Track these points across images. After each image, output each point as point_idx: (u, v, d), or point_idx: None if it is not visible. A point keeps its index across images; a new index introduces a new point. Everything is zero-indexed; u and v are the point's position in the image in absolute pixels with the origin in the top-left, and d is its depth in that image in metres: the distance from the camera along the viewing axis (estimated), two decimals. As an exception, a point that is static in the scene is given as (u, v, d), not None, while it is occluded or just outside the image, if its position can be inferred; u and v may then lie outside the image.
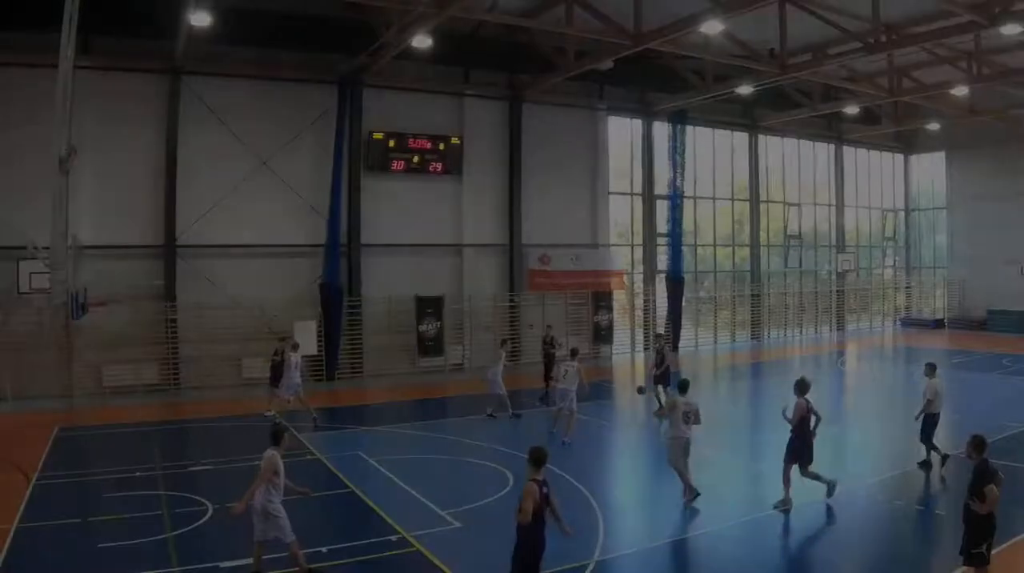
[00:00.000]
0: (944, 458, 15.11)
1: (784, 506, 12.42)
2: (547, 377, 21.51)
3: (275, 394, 19.46)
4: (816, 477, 12.68)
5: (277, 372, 19.64)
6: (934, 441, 15.31)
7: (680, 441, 12.79)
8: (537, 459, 8.62)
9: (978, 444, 9.22)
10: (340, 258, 25.09)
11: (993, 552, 9.12)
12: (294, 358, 18.96)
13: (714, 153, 35.49)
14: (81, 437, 18.11)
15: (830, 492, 12.78)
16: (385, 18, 22.02)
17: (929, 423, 15.35)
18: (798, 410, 12.69)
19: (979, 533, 8.94)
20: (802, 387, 12.93)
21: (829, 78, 31.42)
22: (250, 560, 9.77)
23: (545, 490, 8.61)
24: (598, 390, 24.07)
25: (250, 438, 16.11)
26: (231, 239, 23.86)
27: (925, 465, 15.05)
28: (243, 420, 19.08)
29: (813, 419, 12.68)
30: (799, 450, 12.61)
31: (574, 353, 18.26)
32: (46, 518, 12.16)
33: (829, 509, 12.94)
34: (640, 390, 19.31)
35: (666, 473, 13.67)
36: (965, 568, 9.26)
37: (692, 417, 12.86)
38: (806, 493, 13.03)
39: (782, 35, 24.73)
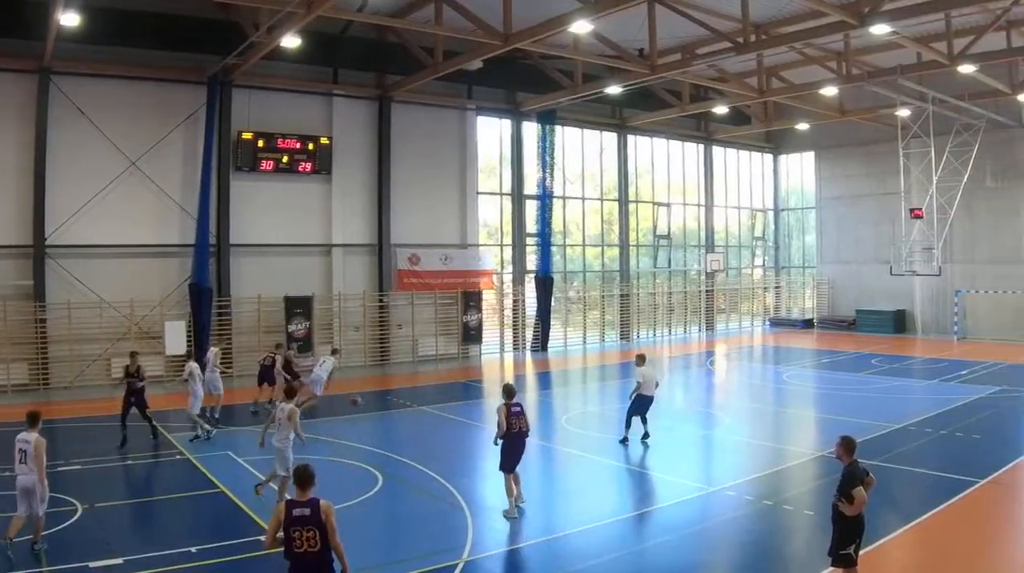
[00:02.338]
0: (644, 436, 19.03)
1: (510, 514, 13.89)
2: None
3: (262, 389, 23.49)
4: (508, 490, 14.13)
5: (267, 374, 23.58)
6: (645, 418, 19.14)
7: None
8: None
9: (847, 445, 10.10)
10: (209, 258, 28.83)
11: (861, 553, 10.15)
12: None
13: (583, 153, 41.20)
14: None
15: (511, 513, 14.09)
16: (254, 18, 25.24)
17: (639, 403, 19.01)
18: (500, 414, 14.12)
19: (847, 534, 9.87)
20: (508, 392, 14.50)
21: (699, 78, 36.45)
22: (119, 560, 11.63)
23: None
24: (468, 390, 28.12)
25: (120, 437, 18.91)
26: (101, 239, 27.37)
27: (623, 442, 18.98)
28: (113, 419, 20.54)
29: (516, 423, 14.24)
30: (504, 454, 14.16)
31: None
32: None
33: (698, 509, 14.97)
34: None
35: (535, 473, 16.25)
36: (833, 569, 10.26)
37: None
38: (676, 493, 15.67)
39: (651, 35, 28.32)
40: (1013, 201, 40.72)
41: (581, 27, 25.37)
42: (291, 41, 24.87)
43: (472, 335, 35.39)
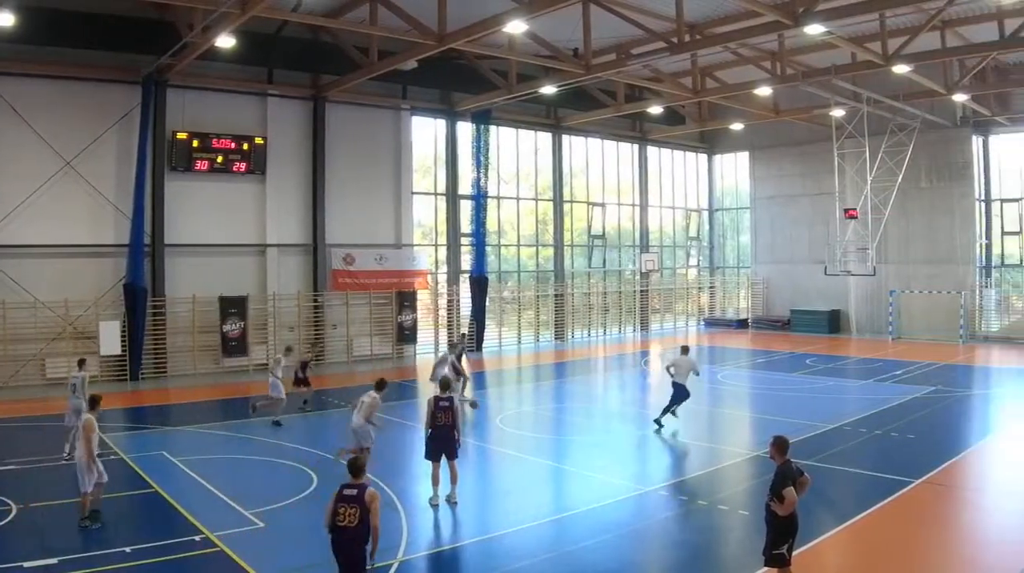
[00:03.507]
0: (658, 421, 21.81)
1: (432, 502, 15.40)
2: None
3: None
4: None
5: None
6: (674, 405, 22.18)
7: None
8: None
9: (779, 445, 10.62)
10: (144, 258, 30.58)
11: (795, 553, 10.65)
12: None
13: (518, 153, 43.82)
14: None
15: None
16: (189, 18, 26.80)
17: (676, 391, 22.12)
18: (428, 407, 16.00)
19: (779, 534, 10.34)
20: (441, 385, 16.46)
21: (633, 78, 38.70)
22: (53, 560, 12.35)
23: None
24: (402, 390, 29.80)
25: (56, 438, 19.37)
26: (36, 239, 28.96)
27: None
28: (49, 420, 21.45)
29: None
30: (425, 444, 15.96)
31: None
32: None
33: (632, 509, 15.82)
34: (474, 405, 23.67)
35: (470, 473, 17.11)
36: (767, 569, 10.75)
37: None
38: (610, 493, 16.47)
39: (586, 35, 30.01)
40: (947, 201, 43.46)
41: (516, 27, 26.69)
42: (226, 41, 26.33)
43: (407, 335, 37.57)
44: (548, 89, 35.82)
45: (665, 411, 22.11)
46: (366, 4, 27.95)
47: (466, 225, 40.34)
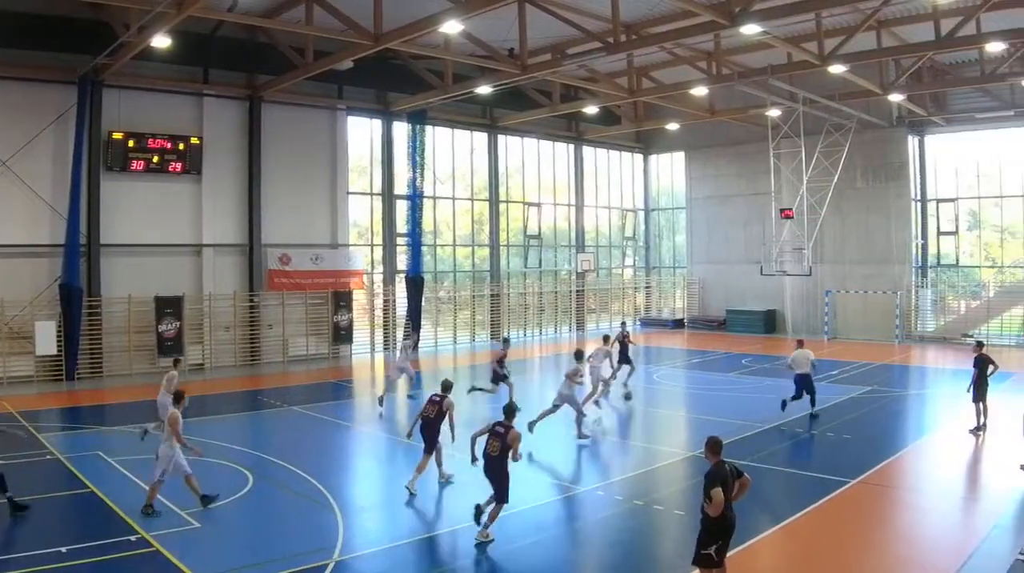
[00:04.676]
0: (812, 414, 24.08)
1: (409, 485, 17.02)
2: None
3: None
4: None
5: None
6: (809, 394, 24.56)
7: None
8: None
9: (711, 446, 11.06)
10: (79, 258, 32.09)
11: (731, 553, 11.05)
12: None
13: (454, 153, 46.04)
14: None
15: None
16: (125, 18, 28.17)
17: (799, 381, 24.66)
18: None
19: (709, 535, 10.70)
20: (442, 385, 18.49)
21: (569, 78, 40.56)
22: None
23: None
24: (338, 390, 31.50)
25: None
26: (-30, 239, 30.47)
27: None
28: None
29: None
30: None
31: None
32: None
33: (568, 509, 16.65)
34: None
35: (404, 473, 17.80)
36: (696, 569, 11.10)
37: None
38: (546, 493, 17.43)
39: (521, 35, 31.32)
40: (883, 201, 45.72)
41: (452, 27, 28.02)
42: (162, 41, 27.48)
43: (342, 335, 39.59)
44: (484, 89, 37.60)
45: (796, 398, 24.81)
46: (302, 4, 29.13)
47: (402, 225, 42.36)
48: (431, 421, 17.43)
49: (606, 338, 27.83)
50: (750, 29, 27.51)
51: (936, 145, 46.98)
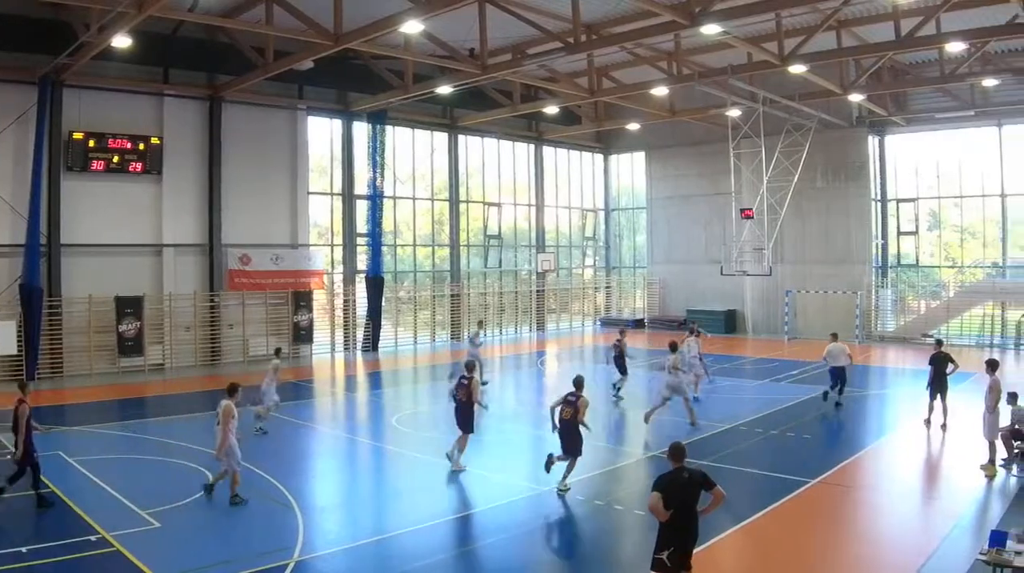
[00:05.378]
0: (836, 403, 26.17)
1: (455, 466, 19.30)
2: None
3: None
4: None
5: None
6: (837, 385, 26.96)
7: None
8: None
9: (672, 451, 11.18)
10: (40, 258, 32.92)
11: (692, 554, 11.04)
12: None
13: (414, 153, 47.27)
14: None
15: None
16: (85, 18, 28.91)
17: (833, 373, 27.17)
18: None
19: (659, 540, 10.89)
20: (466, 366, 20.55)
21: (529, 78, 41.57)
22: None
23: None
24: (298, 390, 32.18)
25: None
26: (-69, 240, 31.34)
27: None
28: None
29: None
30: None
31: None
32: None
33: (529, 509, 16.97)
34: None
35: (365, 473, 19.07)
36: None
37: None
38: (507, 493, 17.83)
39: (482, 35, 32.01)
40: (843, 201, 47.06)
41: (412, 27, 28.54)
42: (122, 41, 28.06)
43: (303, 335, 40.69)
44: (444, 89, 38.76)
45: (833, 389, 27.26)
46: (262, 4, 29.81)
47: (362, 225, 43.54)
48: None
49: (673, 345, 26.76)
50: (710, 29, 28.32)
51: (896, 145, 48.46)
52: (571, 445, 18.13)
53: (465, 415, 19.69)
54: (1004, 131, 44.20)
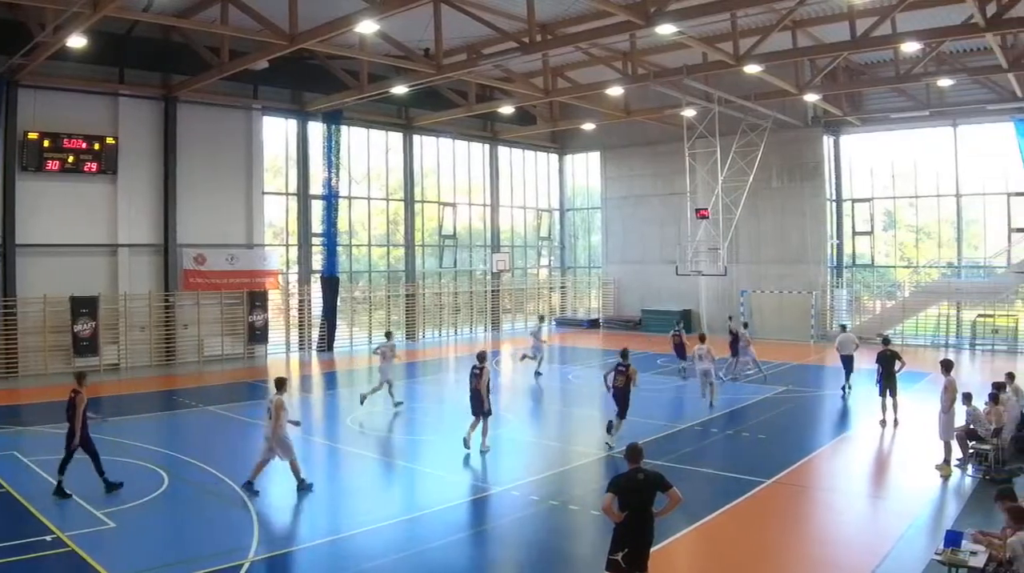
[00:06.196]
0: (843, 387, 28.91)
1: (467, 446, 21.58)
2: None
3: None
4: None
5: None
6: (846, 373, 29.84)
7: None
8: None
9: (629, 452, 11.59)
10: (-6, 259, 33.95)
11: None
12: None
13: (369, 153, 48.70)
14: None
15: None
16: (40, 18, 29.60)
17: (844, 361, 30.17)
18: None
19: (613, 541, 11.17)
20: (478, 357, 22.76)
21: (485, 78, 42.68)
22: None
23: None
24: (253, 390, 32.92)
25: None
26: None
27: None
28: None
29: None
30: None
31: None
32: None
33: (484, 509, 17.46)
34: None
35: (319, 473, 19.04)
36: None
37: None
38: (462, 493, 18.38)
39: (437, 35, 32.60)
40: (798, 201, 48.33)
41: (367, 27, 29.01)
42: (77, 41, 28.71)
43: (258, 335, 41.80)
44: (399, 89, 39.76)
45: (847, 382, 29.91)
46: (217, 4, 30.44)
47: (317, 225, 44.69)
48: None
49: (703, 337, 29.78)
50: (665, 29, 29.20)
51: (851, 145, 49.88)
52: (624, 407, 22.57)
53: (479, 401, 22.11)
54: (959, 131, 45.46)
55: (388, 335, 31.91)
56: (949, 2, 30.48)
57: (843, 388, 29.88)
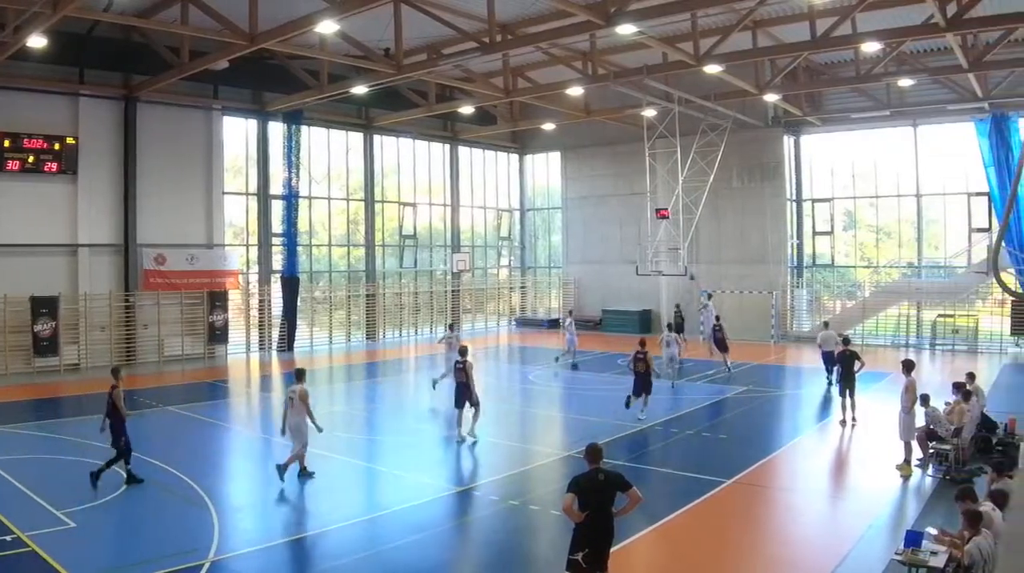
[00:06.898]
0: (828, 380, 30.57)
1: (457, 438, 23.11)
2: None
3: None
4: None
5: None
6: (828, 369, 31.03)
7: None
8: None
9: (589, 452, 11.79)
10: (-46, 259, 34.66)
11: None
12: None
13: (330, 153, 49.68)
14: None
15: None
16: (0, 18, 30.16)
17: (825, 357, 31.56)
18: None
19: (573, 541, 11.39)
20: (460, 351, 24.76)
21: (445, 78, 43.60)
22: None
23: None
24: (213, 390, 33.84)
25: None
26: None
27: None
28: None
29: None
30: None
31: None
32: None
33: (444, 509, 17.68)
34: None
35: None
36: None
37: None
38: (422, 493, 18.53)
39: (397, 35, 33.07)
40: (759, 201, 49.31)
41: (327, 27, 29.50)
42: (37, 41, 28.98)
43: (218, 335, 42.67)
44: (360, 89, 40.58)
45: (830, 374, 31.06)
46: (177, 4, 30.77)
47: (277, 225, 45.61)
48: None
49: (670, 326, 36.66)
50: (626, 29, 29.67)
51: (812, 145, 50.84)
52: (645, 388, 26.55)
53: (464, 394, 23.78)
54: (919, 131, 46.49)
55: (451, 326, 37.24)
56: (909, 2, 31.28)
57: (828, 382, 31.46)
